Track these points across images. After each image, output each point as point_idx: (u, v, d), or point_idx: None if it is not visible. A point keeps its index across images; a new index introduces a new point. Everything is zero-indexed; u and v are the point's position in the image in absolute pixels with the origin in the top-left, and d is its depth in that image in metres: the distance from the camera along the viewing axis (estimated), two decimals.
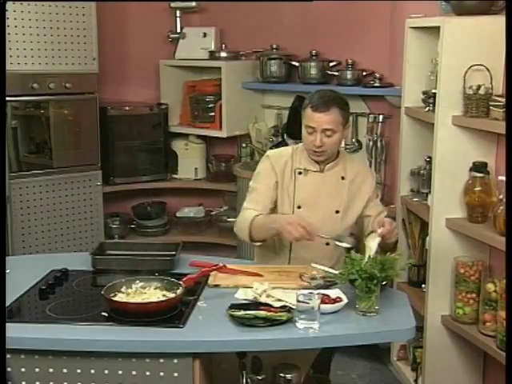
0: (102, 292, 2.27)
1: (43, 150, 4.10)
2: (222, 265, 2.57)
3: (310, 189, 2.82)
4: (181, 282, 2.35)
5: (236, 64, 4.60)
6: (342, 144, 3.26)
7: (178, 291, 2.30)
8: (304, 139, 2.83)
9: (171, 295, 2.29)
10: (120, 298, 2.30)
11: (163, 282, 2.39)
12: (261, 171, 2.88)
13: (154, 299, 2.28)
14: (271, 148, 4.43)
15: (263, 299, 2.27)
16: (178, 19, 4.85)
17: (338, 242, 2.70)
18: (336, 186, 2.82)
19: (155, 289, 2.36)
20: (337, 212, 2.81)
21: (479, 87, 2.90)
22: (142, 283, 2.38)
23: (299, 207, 2.81)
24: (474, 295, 3.04)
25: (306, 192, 2.81)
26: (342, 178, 2.83)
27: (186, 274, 2.47)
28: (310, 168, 2.83)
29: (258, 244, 2.78)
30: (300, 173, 2.83)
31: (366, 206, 2.85)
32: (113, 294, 2.30)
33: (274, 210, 2.83)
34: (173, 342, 2.10)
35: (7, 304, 2.28)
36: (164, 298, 2.28)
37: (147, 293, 2.34)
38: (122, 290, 2.34)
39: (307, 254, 2.74)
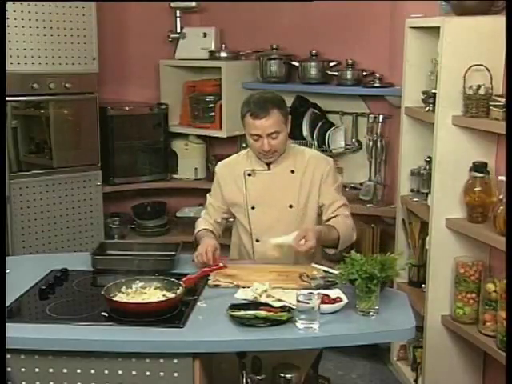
0: (102, 292, 2.27)
1: (43, 150, 4.10)
2: (222, 265, 2.57)
3: (260, 188, 2.84)
4: (181, 282, 2.35)
5: (236, 64, 4.60)
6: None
7: (178, 291, 2.30)
8: (251, 146, 2.83)
9: (171, 295, 2.29)
10: (120, 298, 2.30)
11: (163, 282, 2.39)
12: (212, 186, 2.98)
13: (154, 299, 2.28)
14: None
15: (263, 299, 2.27)
16: (178, 19, 4.85)
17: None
18: (286, 181, 2.83)
19: (155, 289, 2.36)
20: (290, 206, 2.82)
21: (479, 87, 2.90)
22: (142, 283, 2.38)
23: (253, 208, 2.85)
24: (473, 295, 3.04)
25: (257, 192, 2.84)
26: (292, 172, 2.83)
27: (186, 274, 2.47)
28: (257, 168, 2.85)
29: None
30: (249, 174, 2.86)
31: (320, 193, 2.83)
32: (113, 294, 2.30)
33: (228, 212, 2.94)
34: (173, 342, 2.10)
35: (7, 304, 2.28)
36: (164, 298, 2.28)
37: (147, 293, 2.34)
38: (122, 289, 2.34)
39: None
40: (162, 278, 2.41)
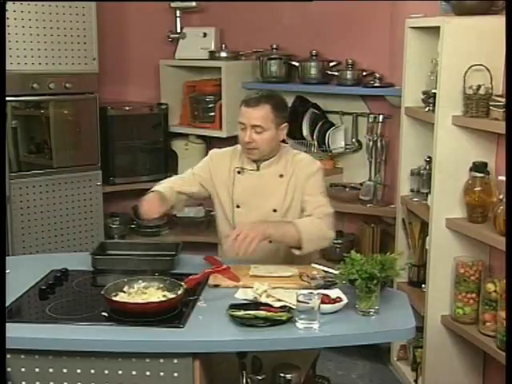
0: (103, 292, 2.27)
1: (43, 150, 4.09)
2: (225, 266, 2.56)
3: (247, 188, 2.82)
4: (182, 283, 2.35)
5: (236, 64, 4.60)
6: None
7: (179, 292, 2.30)
8: (239, 136, 2.84)
9: (172, 296, 2.29)
10: (121, 297, 2.30)
11: (165, 282, 2.39)
12: (201, 165, 2.95)
13: (155, 299, 2.28)
14: None
15: (263, 299, 2.27)
16: (178, 19, 4.85)
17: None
18: (273, 185, 2.81)
19: (157, 289, 2.36)
20: (274, 211, 2.80)
21: (479, 87, 2.90)
22: (144, 283, 2.39)
23: (238, 206, 2.83)
24: (474, 295, 3.04)
25: (243, 191, 2.83)
26: (281, 176, 2.81)
27: (185, 274, 2.47)
28: (247, 167, 2.84)
29: None
30: (239, 172, 2.85)
31: (303, 192, 2.78)
32: (114, 294, 2.30)
33: (200, 193, 2.92)
34: (173, 342, 2.10)
35: (7, 304, 2.28)
36: (164, 299, 2.28)
37: (148, 293, 2.34)
38: (124, 289, 2.34)
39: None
40: (163, 278, 2.41)
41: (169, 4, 4.80)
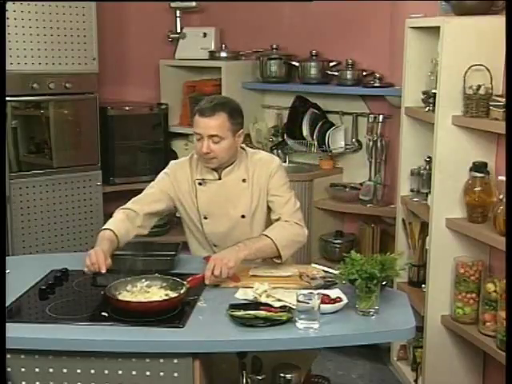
0: (105, 290, 2.28)
1: (43, 150, 4.09)
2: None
3: (211, 198, 2.77)
4: (185, 283, 2.35)
5: (236, 64, 4.60)
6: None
7: (182, 291, 2.30)
8: (195, 147, 2.76)
9: (174, 294, 2.30)
10: (124, 296, 2.31)
11: (168, 281, 2.40)
12: (160, 179, 2.85)
13: (157, 298, 2.29)
14: (271, 148, 4.45)
15: (263, 299, 2.27)
16: (178, 19, 4.85)
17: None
18: (237, 191, 2.76)
19: (159, 288, 2.37)
20: (243, 217, 2.77)
21: (479, 87, 2.90)
22: (147, 282, 2.39)
23: (206, 218, 2.78)
24: (474, 295, 3.04)
25: (208, 202, 2.77)
26: (244, 181, 2.77)
27: (185, 274, 2.47)
28: (208, 177, 2.78)
29: None
30: (200, 183, 2.79)
31: (268, 191, 2.75)
32: (117, 293, 2.30)
33: (159, 213, 2.83)
34: (173, 342, 2.10)
35: (7, 304, 2.28)
36: (166, 297, 2.29)
37: (150, 291, 2.34)
38: (128, 288, 2.35)
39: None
40: (167, 278, 2.42)
41: (169, 4, 4.80)
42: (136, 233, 2.75)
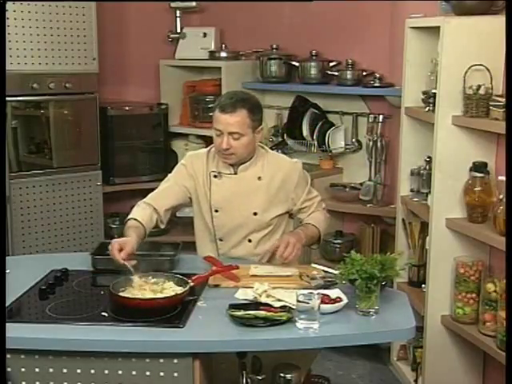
0: (110, 287, 2.29)
1: (43, 150, 4.10)
2: (234, 265, 2.56)
3: (225, 192, 2.78)
4: (189, 281, 2.36)
5: (236, 64, 4.60)
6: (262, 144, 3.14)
7: (185, 289, 2.31)
8: (214, 142, 2.78)
9: (181, 291, 2.31)
10: (129, 292, 2.32)
11: (174, 279, 2.41)
12: (177, 171, 2.87)
13: (167, 293, 2.31)
14: (271, 148, 4.44)
15: (263, 299, 2.27)
16: (178, 19, 4.85)
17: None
18: (252, 188, 2.78)
19: (168, 281, 2.40)
20: (255, 214, 2.78)
21: (479, 87, 2.90)
22: (154, 279, 2.41)
23: (216, 211, 2.79)
24: (474, 295, 3.04)
25: (222, 195, 2.78)
26: (259, 179, 2.78)
27: (186, 274, 2.47)
28: (224, 171, 2.80)
29: None
30: (215, 176, 2.80)
31: (295, 199, 2.82)
32: (123, 289, 2.32)
33: (176, 207, 2.87)
34: (173, 342, 2.10)
35: (7, 304, 2.28)
36: (169, 295, 2.30)
37: (160, 284, 2.37)
38: (133, 284, 2.36)
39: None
40: (173, 276, 2.43)
41: (169, 4, 4.80)
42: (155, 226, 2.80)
